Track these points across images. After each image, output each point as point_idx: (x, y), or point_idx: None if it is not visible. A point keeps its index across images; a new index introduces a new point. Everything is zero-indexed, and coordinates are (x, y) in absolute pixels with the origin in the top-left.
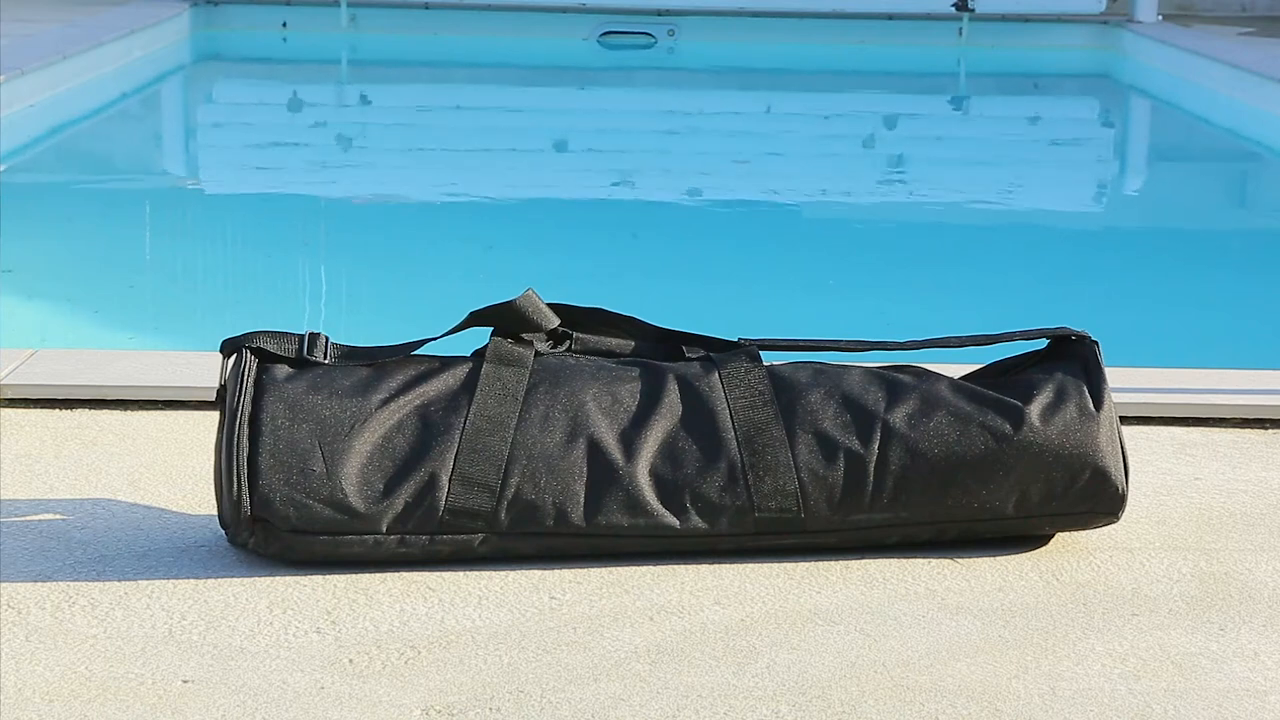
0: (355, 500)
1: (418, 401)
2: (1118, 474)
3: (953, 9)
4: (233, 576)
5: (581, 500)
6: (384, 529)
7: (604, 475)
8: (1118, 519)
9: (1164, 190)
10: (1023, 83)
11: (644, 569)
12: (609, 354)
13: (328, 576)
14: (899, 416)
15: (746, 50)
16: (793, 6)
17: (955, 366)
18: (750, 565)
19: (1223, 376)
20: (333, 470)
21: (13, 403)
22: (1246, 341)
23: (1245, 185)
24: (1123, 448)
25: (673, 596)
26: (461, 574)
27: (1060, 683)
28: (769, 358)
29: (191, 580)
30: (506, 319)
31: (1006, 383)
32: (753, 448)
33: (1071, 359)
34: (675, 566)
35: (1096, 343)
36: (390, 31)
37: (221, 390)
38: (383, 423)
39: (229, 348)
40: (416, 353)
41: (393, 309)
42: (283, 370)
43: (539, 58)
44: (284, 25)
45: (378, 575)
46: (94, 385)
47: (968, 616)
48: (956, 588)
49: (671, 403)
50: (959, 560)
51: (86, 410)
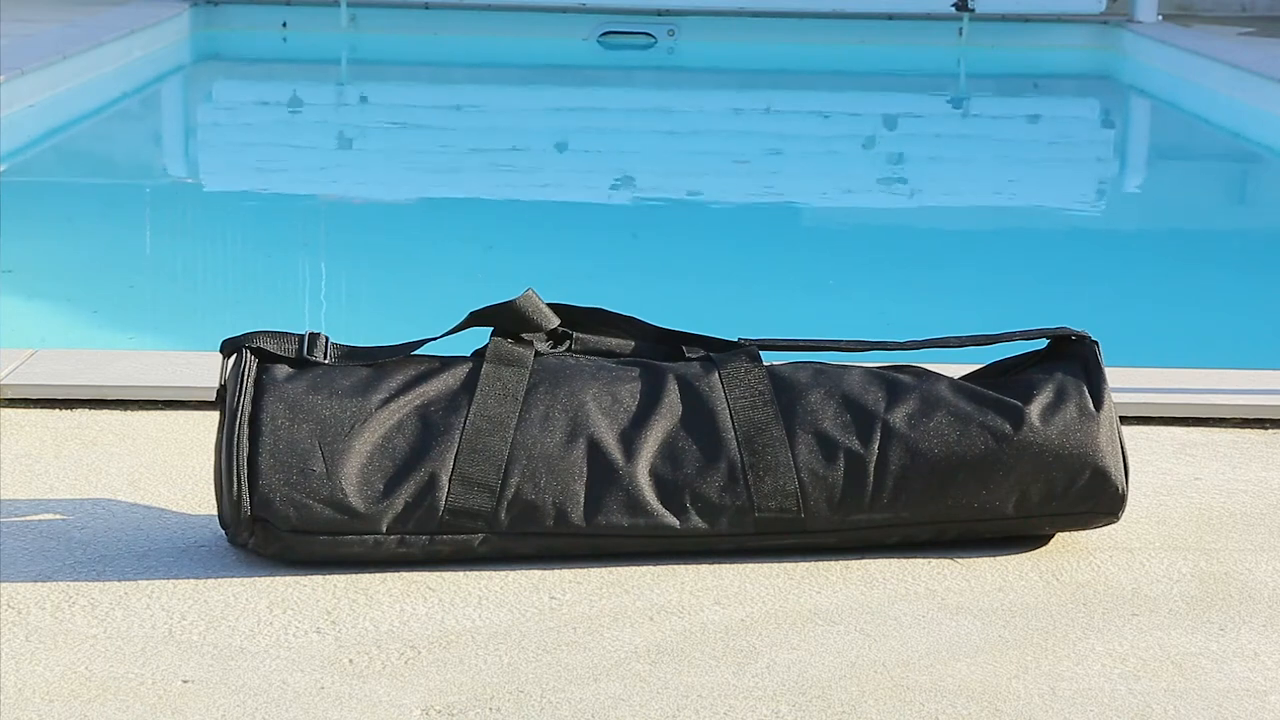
0: (355, 500)
1: (418, 401)
2: (1118, 474)
3: (953, 9)
4: (233, 576)
5: (581, 500)
6: (384, 529)
7: (604, 475)
8: (1118, 519)
9: (1164, 190)
10: (1023, 83)
11: (644, 569)
12: (609, 354)
13: (328, 576)
14: (899, 416)
15: (746, 50)
16: (793, 6)
17: (955, 366)
18: (750, 565)
19: (1223, 376)
20: (333, 470)
21: (13, 403)
22: (1246, 341)
23: (1245, 185)
24: (1123, 448)
25: (673, 596)
26: (461, 574)
27: (1060, 683)
28: (769, 358)
29: (191, 580)
30: (506, 319)
31: (1006, 383)
32: (753, 448)
33: (1071, 359)
34: (675, 566)
35: (1096, 343)
36: (390, 31)
37: (221, 390)
38: (383, 423)
39: (229, 348)
40: (416, 353)
41: (393, 309)
42: (283, 370)
43: (539, 58)
44: (284, 25)
45: (378, 575)
46: (94, 385)
47: (968, 616)
48: (956, 588)
49: (671, 403)
50: (959, 560)
51: (86, 410)
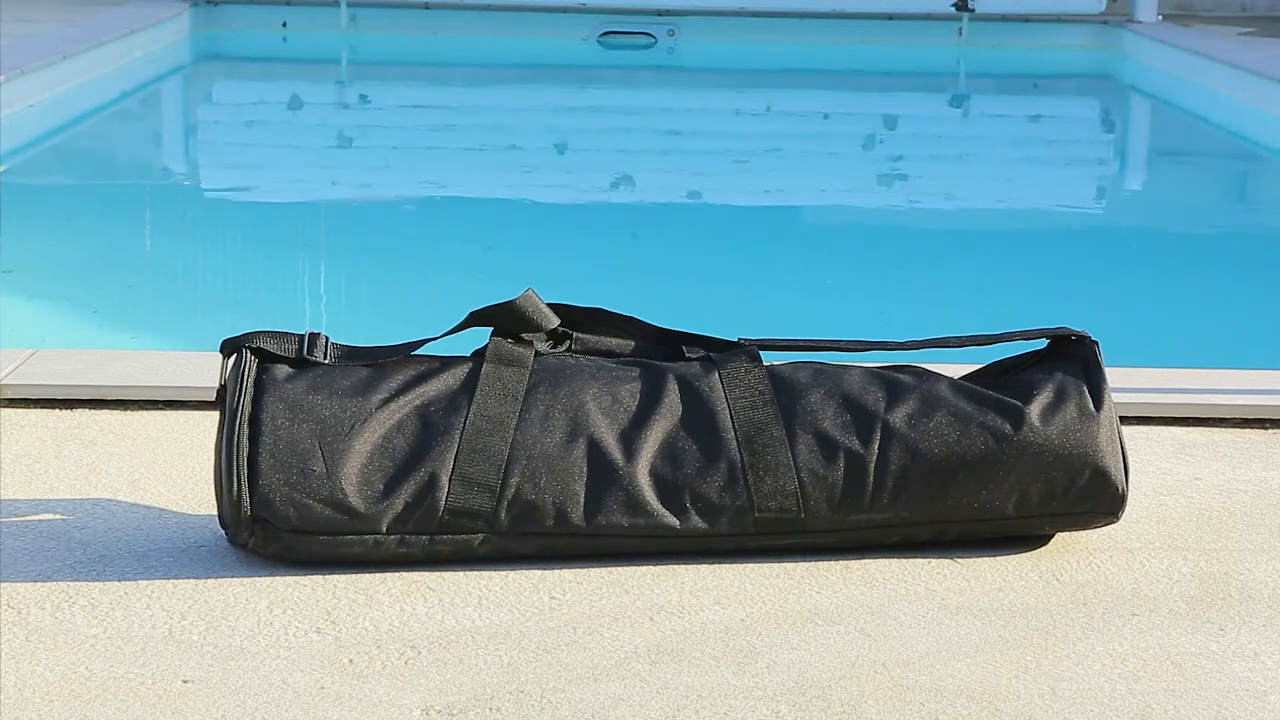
0: (355, 500)
1: (418, 401)
2: (1118, 474)
3: (953, 9)
4: (233, 576)
5: (581, 500)
6: (384, 529)
7: (604, 475)
8: (1118, 519)
9: (1164, 190)
10: (1023, 83)
11: (644, 569)
12: (609, 354)
13: (328, 576)
14: (899, 416)
15: (746, 50)
16: (793, 6)
17: (955, 366)
18: (750, 565)
19: (1223, 376)
20: (333, 470)
21: (13, 403)
22: (1246, 341)
23: (1245, 185)
24: (1123, 448)
25: (673, 596)
26: (461, 574)
27: (1060, 683)
28: (769, 358)
29: (191, 580)
30: (506, 319)
31: (1006, 383)
32: (753, 448)
33: (1071, 359)
34: (675, 566)
35: (1096, 343)
36: (390, 31)
37: (221, 390)
38: (383, 423)
39: (229, 348)
40: (416, 353)
41: (393, 309)
42: (283, 370)
43: (539, 58)
44: (284, 25)
45: (378, 575)
46: (94, 385)
47: (968, 616)
48: (956, 588)
49: (671, 403)
50: (959, 560)
51: (86, 410)
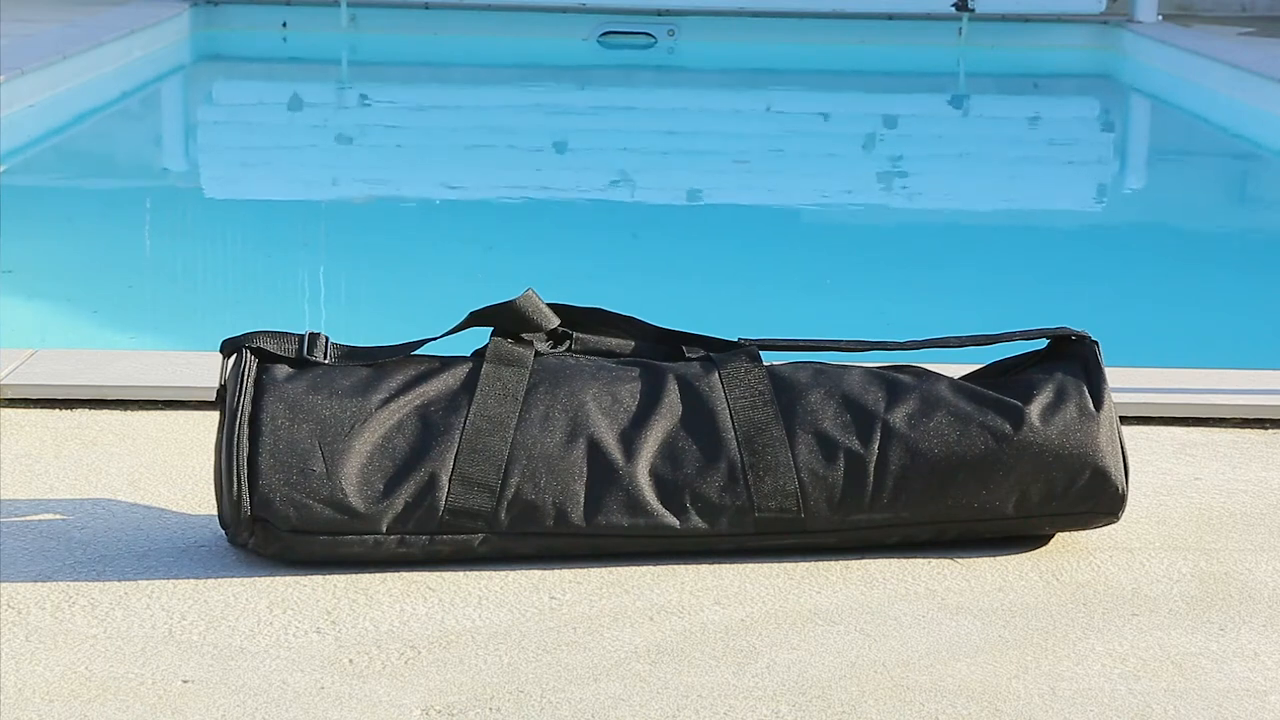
0: (355, 500)
1: (418, 401)
2: (1118, 474)
3: (953, 9)
4: (233, 576)
5: (581, 500)
6: (384, 529)
7: (604, 475)
8: (1118, 519)
9: (1164, 190)
10: (1023, 83)
11: (644, 569)
12: (609, 354)
13: (328, 576)
14: (899, 416)
15: (746, 50)
16: (793, 6)
17: (955, 366)
18: (750, 565)
19: (1223, 376)
20: (333, 470)
21: (13, 403)
22: (1246, 341)
23: (1245, 185)
24: (1123, 448)
25: (673, 596)
26: (461, 574)
27: (1060, 683)
28: (769, 358)
29: (191, 580)
30: (506, 319)
31: (1006, 383)
32: (753, 448)
33: (1071, 359)
34: (675, 566)
35: (1096, 343)
36: (390, 31)
37: (221, 390)
38: (383, 423)
39: (229, 348)
40: (416, 353)
41: (393, 309)
42: (283, 370)
43: (539, 58)
44: (284, 25)
45: (378, 575)
46: (94, 385)
47: (968, 616)
48: (956, 588)
49: (671, 403)
50: (959, 560)
51: (86, 410)
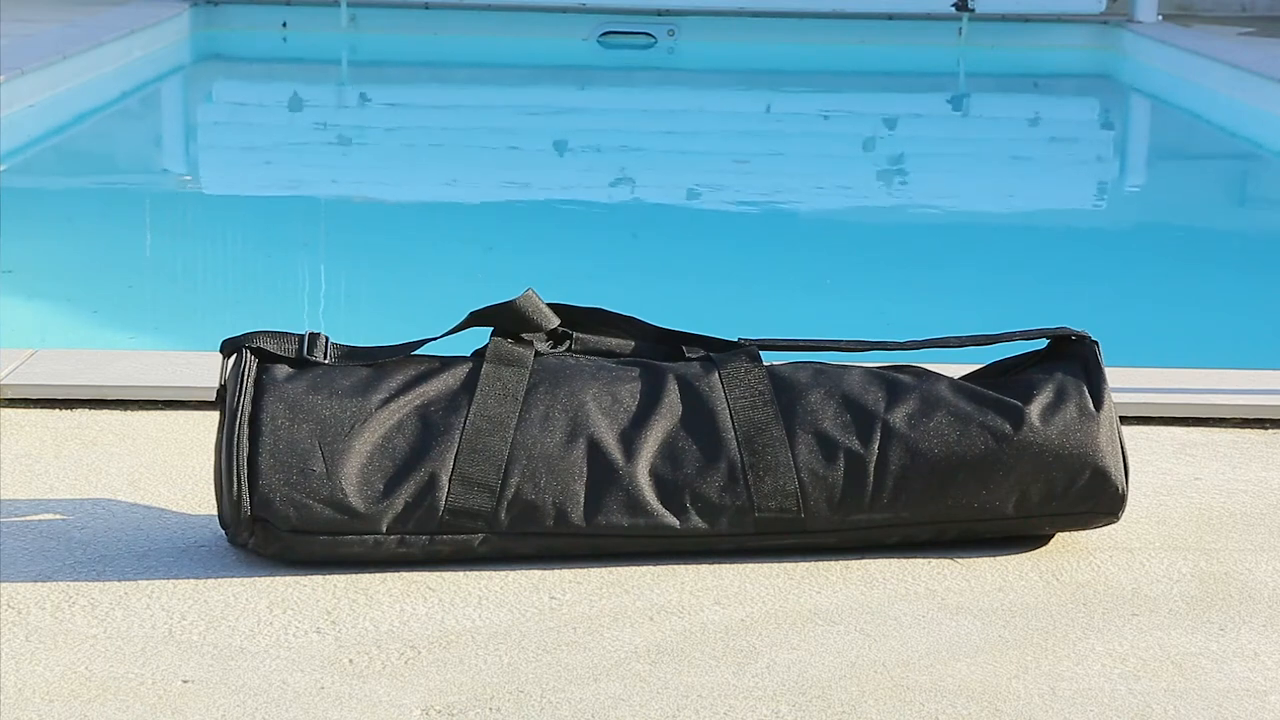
0: (355, 500)
1: (418, 401)
2: (1118, 474)
3: (953, 9)
4: (233, 576)
5: (581, 500)
6: (384, 529)
7: (604, 475)
8: (1118, 519)
9: (1164, 190)
10: (1023, 83)
11: (644, 569)
12: (609, 354)
13: (328, 576)
14: (899, 416)
15: (746, 50)
16: (793, 6)
17: (955, 366)
18: (750, 565)
19: (1223, 376)
20: (333, 470)
21: (13, 403)
22: (1246, 341)
23: (1245, 185)
24: (1123, 448)
25: (673, 596)
26: (461, 574)
27: (1060, 683)
28: (769, 358)
29: (191, 580)
30: (506, 319)
31: (1006, 383)
32: (753, 448)
33: (1071, 359)
34: (675, 566)
35: (1096, 343)
36: (390, 31)
37: (221, 390)
38: (383, 423)
39: (229, 348)
40: (416, 353)
41: (393, 309)
42: (283, 370)
43: (539, 58)
44: (284, 25)
45: (378, 575)
46: (94, 385)
47: (968, 616)
48: (956, 588)
49: (671, 403)
50: (959, 560)
51: (86, 410)
